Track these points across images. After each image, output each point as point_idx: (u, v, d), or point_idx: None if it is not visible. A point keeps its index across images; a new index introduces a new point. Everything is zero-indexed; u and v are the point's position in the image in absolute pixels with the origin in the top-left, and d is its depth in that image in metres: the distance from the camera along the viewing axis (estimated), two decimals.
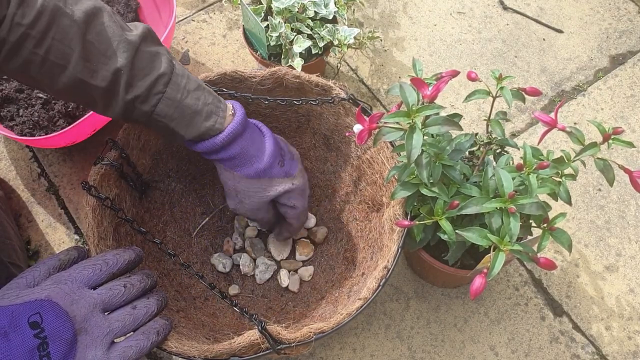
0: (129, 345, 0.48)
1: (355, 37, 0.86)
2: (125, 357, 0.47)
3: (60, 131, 0.76)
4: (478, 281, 0.52)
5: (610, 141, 0.55)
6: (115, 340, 0.48)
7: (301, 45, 0.83)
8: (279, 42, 0.84)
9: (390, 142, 0.68)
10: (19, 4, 0.51)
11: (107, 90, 0.56)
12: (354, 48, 0.98)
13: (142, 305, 0.50)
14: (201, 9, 1.07)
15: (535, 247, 0.57)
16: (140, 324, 0.50)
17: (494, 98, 0.59)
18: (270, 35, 0.83)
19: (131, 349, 0.47)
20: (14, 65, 0.54)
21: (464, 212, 0.55)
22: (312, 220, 0.81)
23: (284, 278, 0.77)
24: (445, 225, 0.57)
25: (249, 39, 0.89)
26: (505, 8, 1.06)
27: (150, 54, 0.57)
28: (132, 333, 0.50)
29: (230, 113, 0.62)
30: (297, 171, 0.68)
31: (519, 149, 0.61)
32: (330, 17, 0.86)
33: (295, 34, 0.84)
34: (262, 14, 0.86)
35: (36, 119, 0.86)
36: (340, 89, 0.71)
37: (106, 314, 0.48)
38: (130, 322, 0.49)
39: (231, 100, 0.65)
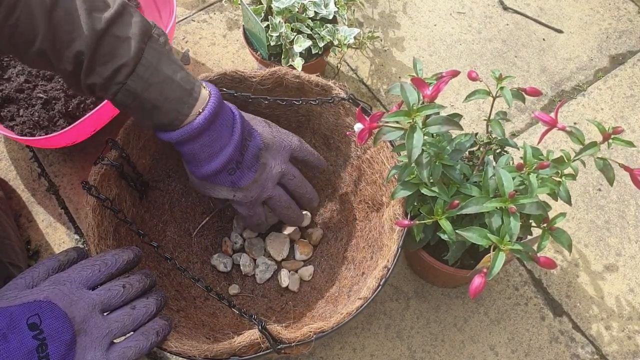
0: (128, 346, 0.48)
1: (355, 37, 0.86)
2: (124, 357, 0.47)
3: (61, 131, 0.76)
4: (477, 280, 0.52)
5: (610, 141, 0.55)
6: (114, 341, 0.48)
7: (301, 45, 0.83)
8: (279, 42, 0.84)
9: (390, 142, 0.68)
10: None
11: (72, 73, 0.55)
12: (354, 48, 0.98)
13: (141, 305, 0.50)
14: (201, 9, 1.07)
15: (535, 247, 0.56)
16: (140, 324, 0.50)
17: (494, 98, 0.59)
18: (271, 35, 0.83)
19: (130, 350, 0.47)
20: None
21: (464, 211, 0.55)
22: (307, 220, 0.81)
23: (284, 278, 0.77)
24: (445, 225, 0.57)
25: (249, 39, 0.89)
26: (505, 8, 1.06)
27: (117, 40, 0.54)
28: (131, 333, 0.50)
29: (197, 112, 0.59)
30: (248, 183, 0.65)
31: (519, 148, 0.61)
32: (330, 17, 0.86)
33: (295, 34, 0.84)
34: (262, 14, 0.86)
35: (36, 119, 0.86)
36: (340, 88, 0.71)
37: (105, 314, 0.48)
38: (129, 322, 0.49)
39: (213, 90, 0.60)
